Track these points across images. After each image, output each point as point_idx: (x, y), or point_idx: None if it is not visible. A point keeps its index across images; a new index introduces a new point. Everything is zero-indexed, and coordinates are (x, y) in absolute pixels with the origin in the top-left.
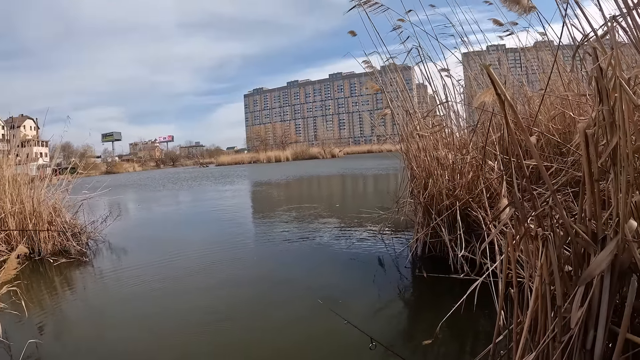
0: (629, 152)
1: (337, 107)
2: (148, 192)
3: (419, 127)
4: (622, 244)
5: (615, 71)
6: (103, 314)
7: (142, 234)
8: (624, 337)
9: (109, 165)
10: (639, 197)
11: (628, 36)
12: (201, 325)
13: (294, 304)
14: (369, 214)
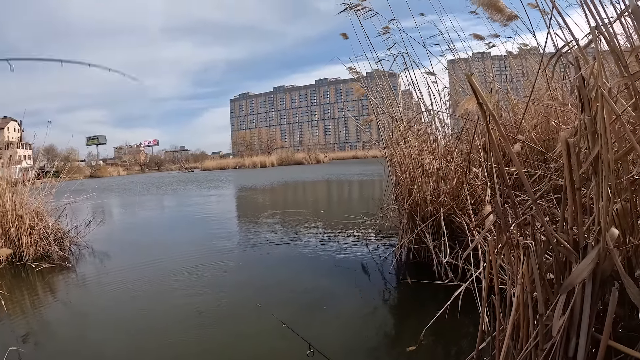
0: (610, 161)
1: (322, 113)
2: (132, 197)
3: (404, 134)
4: (603, 253)
5: (597, 81)
6: (85, 319)
7: (126, 238)
8: (606, 344)
9: (93, 169)
10: (621, 204)
11: (610, 46)
12: (184, 330)
13: (277, 309)
14: (354, 220)
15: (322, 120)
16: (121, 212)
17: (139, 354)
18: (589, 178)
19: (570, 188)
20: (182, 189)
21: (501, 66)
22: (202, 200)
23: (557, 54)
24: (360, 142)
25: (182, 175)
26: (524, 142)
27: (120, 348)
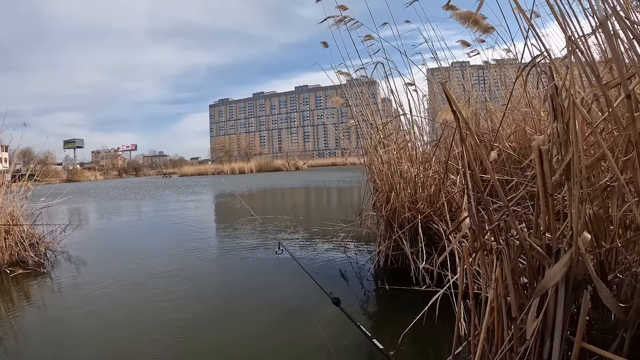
0: (582, 168)
1: (302, 120)
2: (110, 202)
3: (383, 141)
4: (575, 257)
5: (569, 90)
6: (60, 325)
7: (103, 244)
8: (580, 346)
9: (70, 173)
10: (593, 210)
11: (584, 56)
12: (161, 336)
13: (255, 314)
14: (332, 227)
15: (302, 127)
16: (98, 217)
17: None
18: (562, 184)
19: (542, 194)
20: (160, 194)
21: (480, 75)
22: (180, 206)
23: (531, 63)
24: (339, 149)
25: (160, 180)
26: (501, 149)
27: (95, 354)
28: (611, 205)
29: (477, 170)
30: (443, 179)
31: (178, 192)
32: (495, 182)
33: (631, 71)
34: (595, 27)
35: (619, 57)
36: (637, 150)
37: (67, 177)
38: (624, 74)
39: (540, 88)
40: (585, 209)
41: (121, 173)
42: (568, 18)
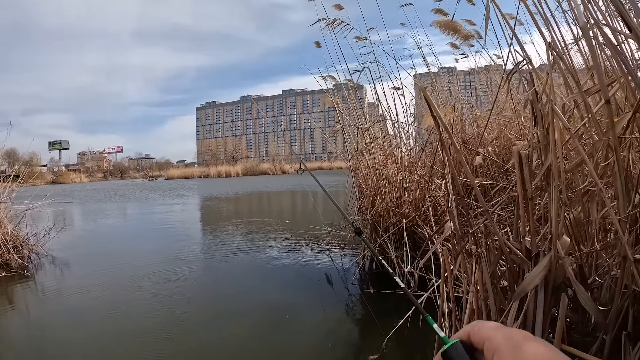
0: (561, 173)
1: (289, 124)
2: (95, 204)
3: (369, 145)
4: (555, 260)
5: (549, 96)
6: (44, 329)
7: (88, 247)
8: (559, 348)
9: (55, 175)
10: (574, 214)
11: (564, 63)
12: (145, 340)
13: (241, 318)
14: (318, 230)
15: (288, 131)
16: (83, 220)
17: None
18: (543, 189)
19: (522, 198)
20: (145, 197)
21: (467, 81)
22: (165, 209)
23: (514, 70)
24: (325, 153)
25: (146, 183)
26: (485, 154)
27: (83, 355)
28: (591, 210)
29: (456, 175)
30: (428, 184)
31: (164, 195)
32: (475, 187)
33: (612, 77)
34: (578, 37)
35: (599, 64)
36: (616, 155)
37: (52, 178)
38: (603, 80)
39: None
40: (565, 213)
41: (107, 175)
42: (549, 25)
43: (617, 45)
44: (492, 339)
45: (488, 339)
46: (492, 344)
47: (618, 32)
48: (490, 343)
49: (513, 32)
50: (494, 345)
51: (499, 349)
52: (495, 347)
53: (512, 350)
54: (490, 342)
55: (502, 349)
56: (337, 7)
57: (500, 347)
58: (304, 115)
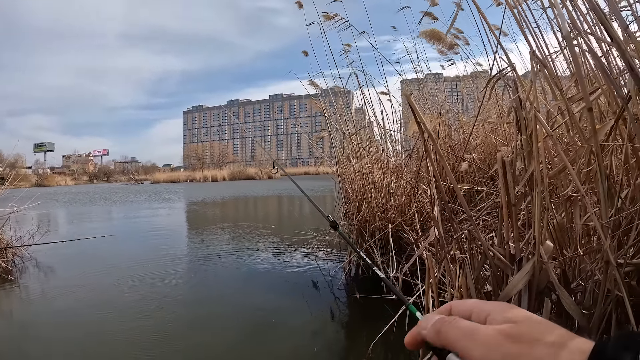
0: (544, 178)
1: (275, 128)
2: (80, 207)
3: (356, 150)
4: (538, 265)
5: (533, 103)
6: (27, 334)
7: (72, 251)
8: None
9: (40, 178)
10: (557, 219)
11: (547, 70)
12: (129, 343)
13: (228, 323)
14: (304, 235)
15: (275, 136)
16: (68, 223)
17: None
18: (526, 194)
19: (505, 204)
20: (131, 201)
21: (454, 87)
22: (152, 213)
23: (497, 77)
24: (312, 158)
25: (132, 187)
26: (470, 160)
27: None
28: (574, 215)
29: (440, 181)
30: (414, 189)
31: (151, 199)
32: (459, 193)
33: (595, 85)
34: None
35: (582, 72)
36: (598, 161)
37: (37, 181)
38: (586, 89)
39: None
40: (548, 219)
41: (92, 178)
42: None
43: (600, 54)
44: (481, 306)
45: (476, 307)
46: (484, 310)
47: (602, 41)
48: (481, 310)
49: (498, 40)
50: (485, 311)
51: (490, 313)
52: (488, 312)
53: (503, 311)
54: (480, 308)
55: (495, 311)
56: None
57: (492, 312)
58: (291, 120)
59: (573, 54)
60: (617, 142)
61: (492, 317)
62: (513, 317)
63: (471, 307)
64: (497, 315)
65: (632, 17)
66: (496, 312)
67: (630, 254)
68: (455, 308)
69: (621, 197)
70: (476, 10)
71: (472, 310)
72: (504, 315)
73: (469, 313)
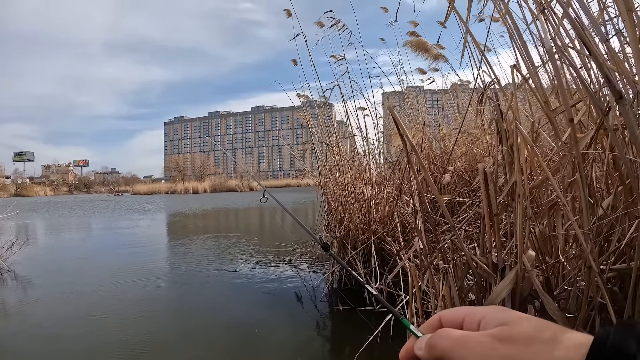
0: (525, 189)
1: (257, 140)
2: (59, 218)
3: (339, 162)
4: (521, 273)
5: (515, 115)
6: (4, 348)
7: (52, 262)
8: None
9: (18, 187)
10: (539, 228)
11: (528, 84)
12: (110, 357)
13: (210, 336)
14: (286, 247)
15: (257, 148)
16: (47, 234)
17: None
18: (508, 204)
19: (487, 214)
20: (111, 212)
21: (434, 100)
22: (132, 224)
23: (483, 92)
24: (293, 170)
25: (112, 198)
26: (453, 171)
27: None
28: (556, 223)
29: (423, 193)
30: (396, 200)
31: (131, 210)
32: (441, 204)
33: (577, 98)
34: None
35: (563, 85)
36: (579, 170)
37: (16, 191)
38: (568, 101)
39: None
40: (530, 228)
41: (72, 189)
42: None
43: (580, 67)
44: (473, 312)
45: (469, 314)
46: (476, 315)
47: (582, 55)
48: (473, 315)
49: (483, 55)
50: (477, 316)
51: (483, 318)
52: (480, 317)
53: (495, 315)
54: (472, 315)
55: (487, 315)
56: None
57: (484, 317)
58: (273, 132)
59: (555, 68)
60: (598, 151)
61: (485, 321)
62: (506, 319)
63: (463, 314)
64: (489, 319)
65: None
66: (488, 317)
67: (612, 260)
68: (445, 317)
69: (602, 206)
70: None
71: (463, 318)
72: (497, 318)
73: (460, 321)
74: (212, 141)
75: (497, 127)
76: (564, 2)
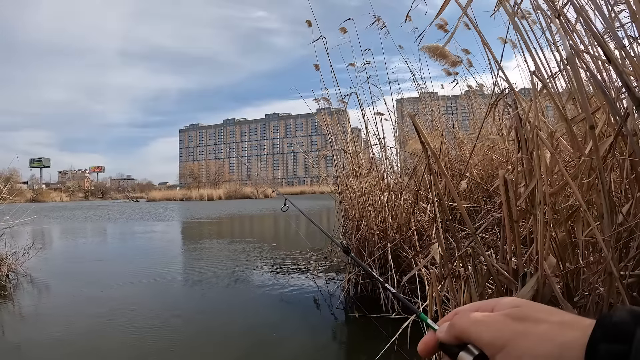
0: (546, 195)
1: (271, 148)
2: (75, 224)
3: (357, 169)
4: (542, 280)
5: (534, 122)
6: (19, 352)
7: (68, 267)
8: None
9: (35, 193)
10: (557, 234)
11: (548, 90)
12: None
13: (227, 343)
14: (302, 254)
15: (271, 155)
16: (63, 240)
17: None
18: (528, 210)
19: (508, 220)
20: (126, 218)
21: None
22: (148, 229)
23: (497, 99)
24: (308, 177)
25: (128, 204)
26: (470, 178)
27: None
28: (576, 229)
29: (444, 199)
30: (413, 208)
31: (146, 217)
32: (462, 210)
33: (596, 106)
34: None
35: (584, 92)
36: (600, 176)
37: (32, 196)
38: (588, 108)
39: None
40: (550, 234)
41: (87, 195)
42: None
43: (596, 72)
44: (487, 302)
45: (482, 304)
46: (489, 304)
47: (599, 60)
48: (487, 304)
49: (497, 62)
50: (491, 305)
51: (496, 305)
52: (493, 305)
53: (507, 301)
54: (486, 304)
55: (500, 302)
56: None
57: (497, 304)
58: (287, 140)
59: (576, 75)
60: (616, 157)
61: (498, 306)
62: (518, 303)
63: (477, 306)
64: (503, 304)
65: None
66: (502, 302)
67: (632, 266)
68: (461, 310)
69: (622, 211)
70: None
71: (478, 308)
72: (510, 302)
73: (475, 310)
74: (226, 148)
75: (516, 134)
76: (579, 8)
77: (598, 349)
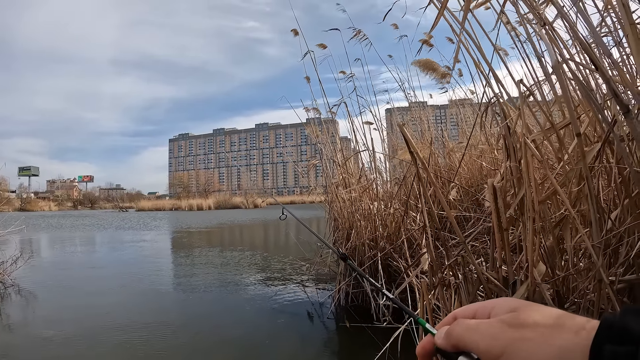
0: (534, 203)
1: (261, 157)
2: (64, 233)
3: (346, 179)
4: (532, 287)
5: (521, 131)
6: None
7: (56, 277)
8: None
9: (23, 202)
10: (545, 242)
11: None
12: None
13: (217, 353)
14: (292, 264)
15: (261, 165)
16: (51, 249)
17: None
18: (517, 218)
19: (497, 229)
20: (115, 227)
21: (438, 115)
22: (137, 238)
23: (486, 106)
24: (297, 187)
25: (117, 214)
26: (459, 187)
27: None
28: (565, 236)
29: (433, 208)
30: (403, 217)
31: (135, 226)
32: (452, 219)
33: (581, 112)
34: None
35: (570, 100)
36: (587, 183)
37: (20, 205)
38: (574, 116)
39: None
40: (540, 241)
41: (76, 205)
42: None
43: (584, 81)
44: (484, 304)
45: (480, 307)
46: (486, 307)
47: (586, 68)
48: (484, 308)
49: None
50: (488, 308)
51: (493, 308)
52: (490, 308)
53: (504, 304)
54: (483, 307)
55: (497, 305)
56: (321, 46)
57: (494, 307)
58: (277, 149)
59: (562, 84)
60: (604, 164)
61: (495, 310)
62: (515, 307)
63: (475, 309)
64: (499, 308)
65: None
66: (498, 306)
67: (621, 272)
68: (460, 313)
69: (610, 217)
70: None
71: (475, 312)
72: (506, 306)
73: (473, 314)
74: (216, 158)
75: (504, 142)
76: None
77: (603, 350)
